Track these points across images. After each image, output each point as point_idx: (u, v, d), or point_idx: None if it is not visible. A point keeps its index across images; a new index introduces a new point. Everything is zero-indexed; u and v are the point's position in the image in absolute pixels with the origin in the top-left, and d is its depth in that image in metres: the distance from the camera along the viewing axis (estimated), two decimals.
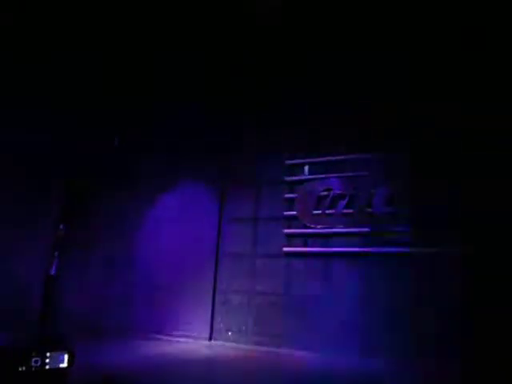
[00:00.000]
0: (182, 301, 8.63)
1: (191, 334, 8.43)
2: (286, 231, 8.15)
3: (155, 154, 9.69)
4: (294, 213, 8.15)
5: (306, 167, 8.31)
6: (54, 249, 9.54)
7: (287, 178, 8.39)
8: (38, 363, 3.18)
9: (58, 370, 3.31)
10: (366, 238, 7.39)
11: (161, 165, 9.55)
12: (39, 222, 9.17)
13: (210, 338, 8.30)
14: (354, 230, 7.50)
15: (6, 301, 7.55)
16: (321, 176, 8.05)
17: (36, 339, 3.84)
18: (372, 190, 7.46)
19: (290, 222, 8.18)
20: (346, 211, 7.64)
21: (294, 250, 8.02)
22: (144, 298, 8.98)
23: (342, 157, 7.90)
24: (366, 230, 7.40)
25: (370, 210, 7.43)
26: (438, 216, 6.73)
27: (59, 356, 3.33)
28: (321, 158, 8.15)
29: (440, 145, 6.97)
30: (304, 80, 8.28)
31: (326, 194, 7.87)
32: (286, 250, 8.05)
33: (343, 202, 7.69)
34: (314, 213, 7.92)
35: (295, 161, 8.40)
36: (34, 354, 3.17)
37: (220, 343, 8.13)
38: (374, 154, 7.57)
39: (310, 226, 7.93)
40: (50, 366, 3.25)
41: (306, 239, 8.02)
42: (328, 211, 7.79)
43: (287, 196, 8.31)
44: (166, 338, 8.41)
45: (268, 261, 8.19)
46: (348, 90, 7.86)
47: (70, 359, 3.41)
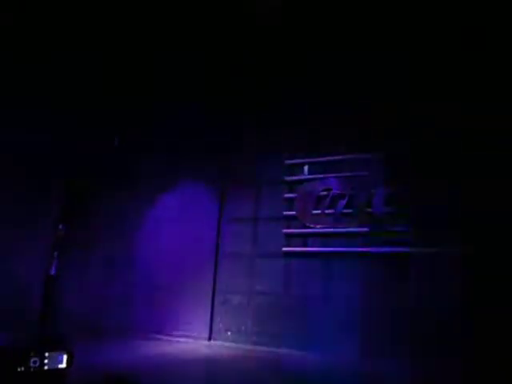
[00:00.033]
0: (182, 301, 8.64)
1: (191, 334, 8.44)
2: (286, 231, 8.15)
3: (155, 154, 9.68)
4: (293, 213, 8.15)
5: (306, 167, 8.31)
6: (53, 249, 9.54)
7: (287, 178, 8.40)
8: (37, 364, 3.17)
9: (57, 370, 3.30)
10: (366, 238, 7.38)
11: (161, 165, 9.55)
12: (39, 222, 9.18)
13: (210, 338, 8.31)
14: (354, 229, 7.49)
15: (5, 301, 7.55)
16: (320, 176, 8.05)
17: (35, 339, 3.82)
18: (372, 190, 7.45)
19: (290, 221, 8.19)
20: (345, 211, 7.64)
21: (293, 249, 8.02)
22: (144, 298, 8.99)
23: (342, 157, 7.90)
24: (365, 229, 7.40)
25: (369, 209, 7.43)
26: (438, 216, 6.72)
27: (58, 356, 3.31)
28: (321, 158, 8.15)
29: (440, 145, 6.95)
30: (304, 80, 8.26)
31: (326, 193, 7.87)
32: (285, 249, 8.05)
33: (343, 202, 7.68)
34: (314, 213, 7.92)
35: (295, 161, 8.41)
36: (33, 355, 3.16)
37: (220, 343, 8.13)
38: (373, 154, 7.56)
39: (310, 225, 7.93)
40: (48, 366, 3.24)
41: (305, 239, 8.03)
42: (328, 211, 7.79)
43: (287, 196, 8.32)
44: (165, 338, 8.42)
45: (268, 261, 8.19)
46: (348, 90, 7.84)
47: (69, 360, 3.39)
